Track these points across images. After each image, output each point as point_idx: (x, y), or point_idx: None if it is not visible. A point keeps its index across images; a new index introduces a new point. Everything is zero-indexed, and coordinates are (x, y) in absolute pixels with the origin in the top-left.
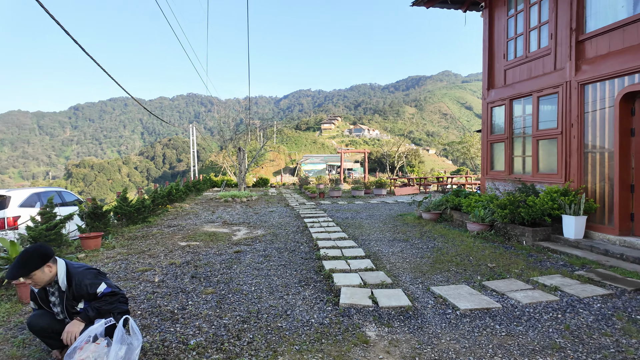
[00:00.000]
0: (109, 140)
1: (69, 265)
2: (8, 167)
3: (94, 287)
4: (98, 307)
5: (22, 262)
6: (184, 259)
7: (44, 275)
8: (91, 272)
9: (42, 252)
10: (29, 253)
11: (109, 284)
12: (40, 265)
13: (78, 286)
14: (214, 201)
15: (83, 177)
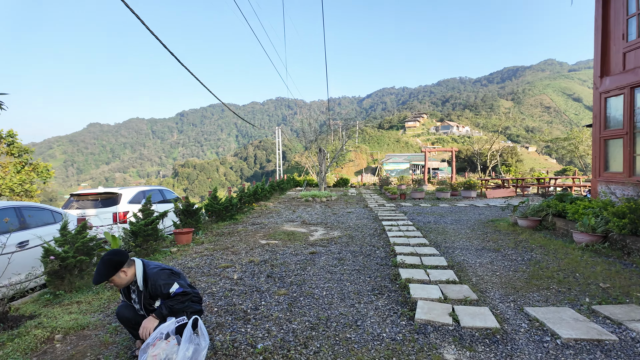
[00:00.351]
0: (208, 143)
1: (146, 266)
2: (129, 167)
3: (167, 287)
4: (171, 305)
5: (98, 270)
6: (262, 257)
7: (121, 279)
8: (165, 273)
9: (114, 260)
10: (102, 262)
11: (181, 284)
12: (114, 273)
13: (153, 286)
14: (296, 200)
15: (187, 176)
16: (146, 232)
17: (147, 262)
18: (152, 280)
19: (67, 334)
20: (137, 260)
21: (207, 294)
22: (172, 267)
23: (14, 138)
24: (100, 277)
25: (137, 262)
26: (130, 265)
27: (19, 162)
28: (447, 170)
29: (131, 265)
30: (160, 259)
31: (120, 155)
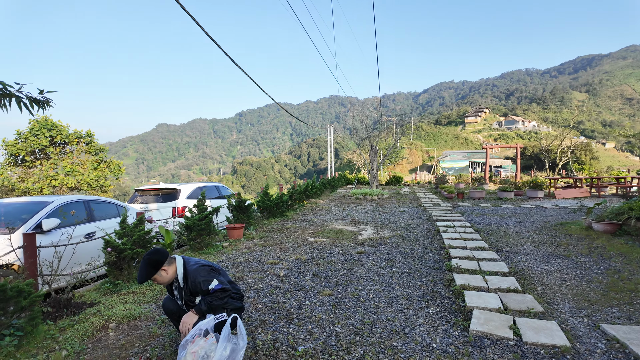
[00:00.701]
0: (264, 141)
1: (186, 263)
2: (192, 165)
3: (206, 284)
4: (209, 302)
5: (140, 269)
6: (309, 255)
7: (163, 278)
8: (204, 269)
9: (154, 260)
10: (143, 261)
11: (220, 281)
12: (154, 272)
13: (193, 283)
14: (346, 198)
15: (245, 173)
16: (200, 226)
17: (188, 259)
18: (191, 277)
19: (120, 323)
20: (178, 257)
21: (253, 290)
22: (212, 264)
23: (92, 138)
24: (142, 276)
25: (177, 259)
26: (170, 263)
27: (95, 160)
28: (511, 168)
29: (172, 263)
30: (212, 252)
31: (185, 153)
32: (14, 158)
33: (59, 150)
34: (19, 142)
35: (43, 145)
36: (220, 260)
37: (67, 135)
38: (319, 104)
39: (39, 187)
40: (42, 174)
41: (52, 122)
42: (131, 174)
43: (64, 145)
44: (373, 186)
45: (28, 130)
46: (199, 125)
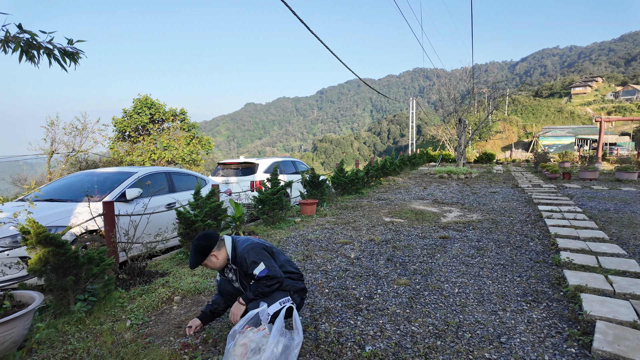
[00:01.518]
0: (344, 119)
1: (235, 243)
2: (276, 142)
3: (252, 267)
4: (256, 288)
5: (190, 256)
6: (384, 237)
7: (214, 263)
8: (253, 251)
9: (201, 246)
10: (192, 247)
11: (268, 265)
12: (204, 258)
13: (241, 265)
14: (428, 176)
15: (324, 150)
16: (272, 200)
17: (237, 238)
18: (240, 258)
19: (184, 297)
20: (227, 238)
21: (321, 272)
22: (264, 243)
23: (185, 115)
24: (192, 262)
25: (226, 240)
26: (220, 247)
27: (188, 136)
28: (629, 145)
29: (222, 247)
30: (284, 227)
31: (270, 131)
32: (122, 134)
33: (157, 127)
34: (125, 120)
35: (144, 122)
36: (291, 236)
37: (164, 113)
38: (402, 77)
39: (142, 160)
40: (144, 148)
41: (151, 100)
42: (223, 150)
43: (162, 122)
44: (460, 164)
45: (132, 108)
46: (283, 103)
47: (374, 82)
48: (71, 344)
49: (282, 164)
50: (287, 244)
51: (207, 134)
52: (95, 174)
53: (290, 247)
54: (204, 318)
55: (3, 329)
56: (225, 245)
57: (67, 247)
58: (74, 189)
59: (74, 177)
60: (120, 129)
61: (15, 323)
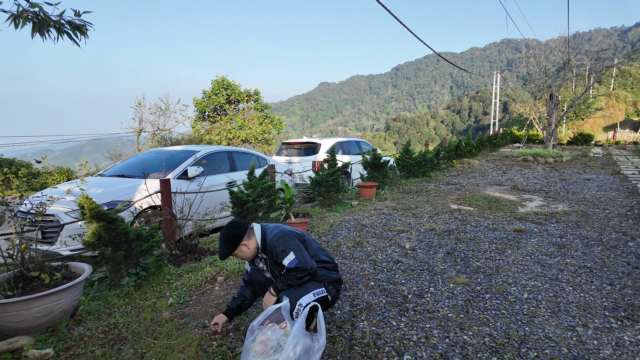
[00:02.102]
0: (420, 96)
1: (265, 231)
2: (349, 121)
3: (282, 257)
4: (286, 279)
5: (220, 246)
6: (447, 226)
7: (244, 253)
8: (283, 239)
9: (230, 235)
10: (221, 237)
11: (298, 256)
12: (234, 248)
13: (271, 253)
14: (509, 159)
15: (398, 130)
16: (328, 182)
17: (267, 226)
18: (269, 246)
19: (227, 278)
20: (256, 226)
21: (370, 261)
22: (295, 230)
23: (259, 96)
24: (222, 252)
25: (255, 229)
26: (250, 236)
27: (261, 116)
28: None
29: (251, 236)
30: (339, 210)
31: (342, 110)
32: (202, 114)
33: (233, 107)
34: (204, 100)
35: (221, 103)
36: (345, 220)
37: (239, 94)
38: (487, 50)
39: (219, 138)
40: (221, 128)
41: (227, 82)
42: (297, 129)
43: (237, 102)
44: (549, 145)
45: (211, 89)
46: (356, 82)
47: (455, 56)
48: (114, 317)
49: (346, 144)
50: (339, 228)
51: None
52: (162, 152)
53: (342, 232)
54: (230, 313)
55: (52, 299)
56: (254, 234)
57: (118, 223)
58: (142, 166)
59: (144, 155)
60: (200, 109)
61: (64, 294)
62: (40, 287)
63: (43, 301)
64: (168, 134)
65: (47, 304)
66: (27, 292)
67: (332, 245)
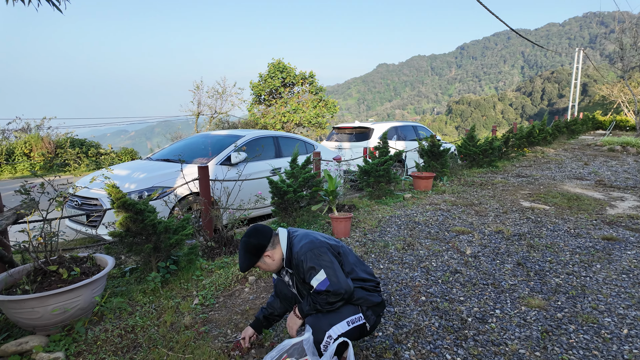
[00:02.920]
0: (487, 77)
1: (291, 240)
2: (407, 104)
3: (310, 275)
4: (313, 302)
5: (240, 258)
6: (517, 229)
7: (268, 265)
8: (313, 252)
9: (251, 245)
10: (241, 246)
11: (330, 275)
12: (255, 259)
13: (297, 269)
14: (591, 148)
15: (460, 113)
16: (378, 172)
17: (294, 233)
18: (296, 260)
19: (259, 278)
20: (282, 233)
21: (421, 269)
22: (329, 239)
23: (314, 78)
24: (242, 265)
25: (281, 236)
26: (275, 245)
27: (315, 99)
28: None
29: (276, 245)
30: (389, 203)
31: (401, 92)
32: (258, 97)
33: (288, 91)
34: (260, 84)
35: (277, 86)
36: (395, 216)
37: (294, 77)
38: (566, 25)
39: (273, 122)
40: (276, 111)
41: (283, 64)
42: (353, 112)
43: (292, 85)
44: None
45: (267, 73)
46: (417, 62)
47: (528, 33)
48: (134, 318)
49: (401, 129)
50: (388, 224)
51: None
52: (209, 136)
53: (390, 230)
54: (257, 326)
55: (67, 297)
56: (280, 242)
57: (146, 214)
58: (189, 150)
59: (192, 139)
60: (256, 93)
61: (80, 291)
62: (58, 283)
63: (57, 299)
64: (225, 117)
65: (62, 302)
66: (44, 287)
67: (379, 245)
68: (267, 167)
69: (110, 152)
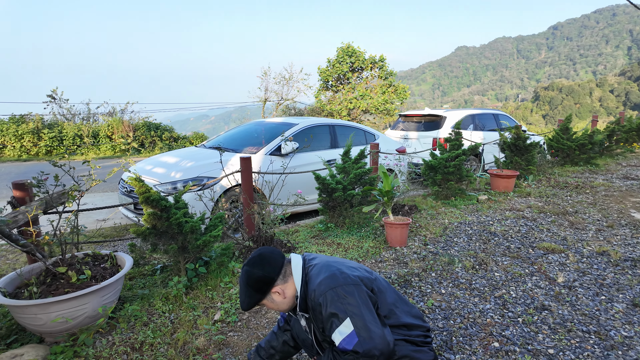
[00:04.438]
0: (584, 60)
1: (307, 272)
2: (487, 90)
3: (330, 328)
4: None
5: (241, 294)
6: (629, 251)
7: (276, 304)
8: (336, 292)
9: (253, 278)
10: (241, 279)
11: (360, 328)
12: (260, 297)
13: (314, 314)
14: None
15: (549, 100)
16: (447, 168)
17: (311, 261)
18: (312, 302)
19: None
20: (295, 261)
21: (496, 300)
22: (360, 271)
23: (384, 63)
24: (244, 303)
25: (294, 264)
26: (287, 277)
27: (384, 84)
28: None
29: (289, 277)
30: (459, 206)
31: (481, 77)
32: (325, 83)
33: (356, 76)
34: (328, 69)
35: (344, 71)
36: (465, 222)
37: (363, 61)
38: None
39: (339, 109)
40: (342, 97)
41: (352, 48)
42: (426, 99)
43: (361, 70)
44: None
45: (335, 58)
46: (501, 44)
47: None
48: (146, 332)
49: (479, 117)
50: (455, 233)
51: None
52: (263, 124)
53: (458, 241)
54: None
55: (71, 305)
56: (293, 274)
57: (172, 212)
58: (241, 138)
59: (246, 126)
60: (324, 79)
61: (87, 299)
62: (66, 287)
63: (60, 306)
64: (292, 104)
65: (66, 309)
66: (51, 291)
67: (442, 260)
68: (318, 159)
69: (183, 136)
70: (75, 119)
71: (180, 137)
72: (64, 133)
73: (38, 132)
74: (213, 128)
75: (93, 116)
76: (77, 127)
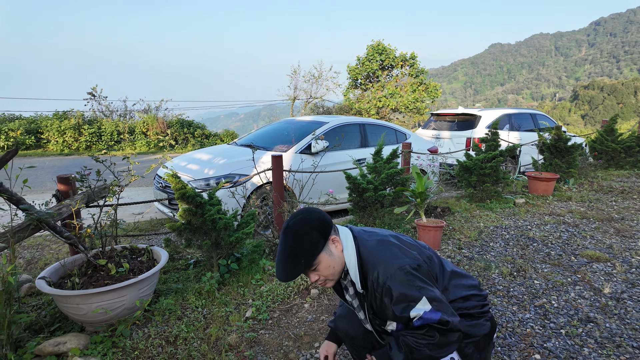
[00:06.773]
0: (629, 57)
1: (362, 249)
2: (522, 89)
3: (407, 307)
4: (407, 342)
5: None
6: None
7: (332, 259)
8: (403, 272)
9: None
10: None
11: (435, 300)
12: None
13: (374, 294)
14: None
15: (589, 100)
16: (483, 170)
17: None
18: (374, 282)
19: (322, 292)
20: (344, 232)
21: (536, 309)
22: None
23: (415, 60)
24: (282, 273)
25: (342, 235)
26: (330, 250)
27: (415, 82)
28: None
29: (337, 243)
30: (495, 209)
31: (515, 75)
32: (354, 82)
33: (386, 74)
34: (358, 67)
35: (374, 69)
36: (501, 227)
37: (394, 59)
38: None
39: (368, 107)
40: (371, 96)
41: (382, 46)
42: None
43: (391, 68)
44: None
45: (365, 56)
46: (538, 41)
47: None
48: (180, 326)
49: (516, 117)
50: (491, 238)
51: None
52: (293, 122)
53: (495, 246)
54: (336, 339)
55: (110, 297)
56: (342, 242)
57: (207, 208)
58: (272, 136)
59: (276, 125)
60: (353, 77)
61: (125, 291)
62: (105, 279)
63: (100, 297)
64: (320, 102)
65: (106, 301)
66: (92, 283)
67: (477, 266)
68: (348, 158)
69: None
70: (113, 116)
71: (211, 134)
72: (102, 129)
73: (79, 128)
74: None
75: (129, 113)
76: (114, 123)
